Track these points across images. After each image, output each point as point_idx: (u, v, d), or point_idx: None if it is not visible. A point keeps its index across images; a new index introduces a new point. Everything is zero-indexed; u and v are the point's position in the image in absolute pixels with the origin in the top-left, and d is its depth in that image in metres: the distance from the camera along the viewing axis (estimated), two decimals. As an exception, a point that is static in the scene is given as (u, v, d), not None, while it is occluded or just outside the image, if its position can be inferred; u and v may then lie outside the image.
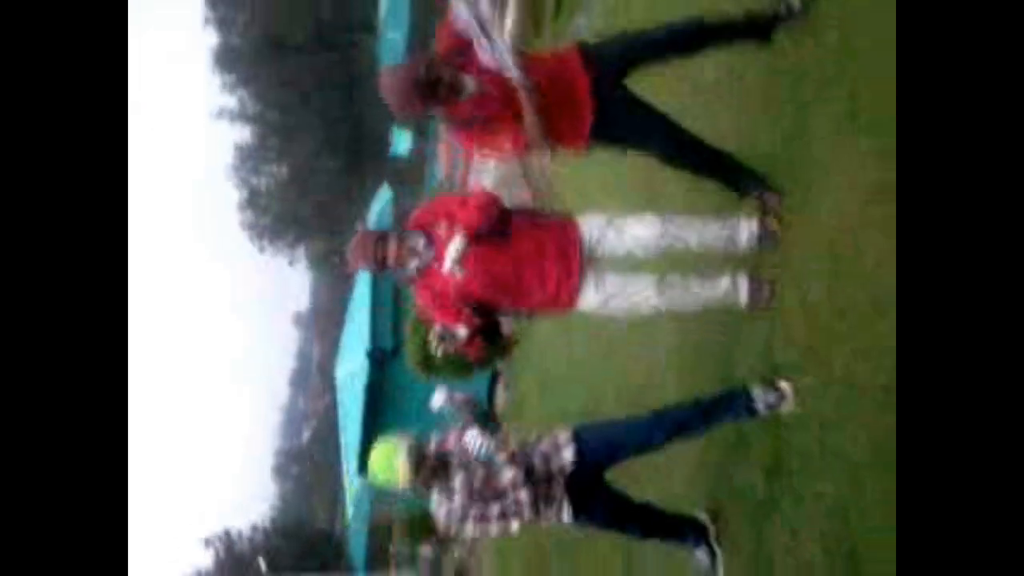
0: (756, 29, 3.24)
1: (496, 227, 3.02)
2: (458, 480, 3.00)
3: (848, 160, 2.85)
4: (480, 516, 3.00)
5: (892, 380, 2.35)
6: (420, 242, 3.11)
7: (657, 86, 3.37)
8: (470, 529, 3.03)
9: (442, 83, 2.82)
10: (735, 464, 3.39)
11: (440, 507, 3.02)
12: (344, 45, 41.11)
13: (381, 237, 3.12)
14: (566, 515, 3.05)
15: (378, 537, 15.94)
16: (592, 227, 3.13)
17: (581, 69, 3.01)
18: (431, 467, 3.04)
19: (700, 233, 3.16)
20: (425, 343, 9.33)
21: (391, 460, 3.05)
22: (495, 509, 3.00)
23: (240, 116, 49.15)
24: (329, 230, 48.55)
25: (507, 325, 3.40)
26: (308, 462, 63.44)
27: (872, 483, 2.49)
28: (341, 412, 13.94)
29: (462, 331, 3.06)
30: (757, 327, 3.31)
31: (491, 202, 3.08)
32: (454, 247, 2.96)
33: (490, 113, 2.91)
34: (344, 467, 13.93)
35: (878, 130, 2.65)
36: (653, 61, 3.15)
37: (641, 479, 3.72)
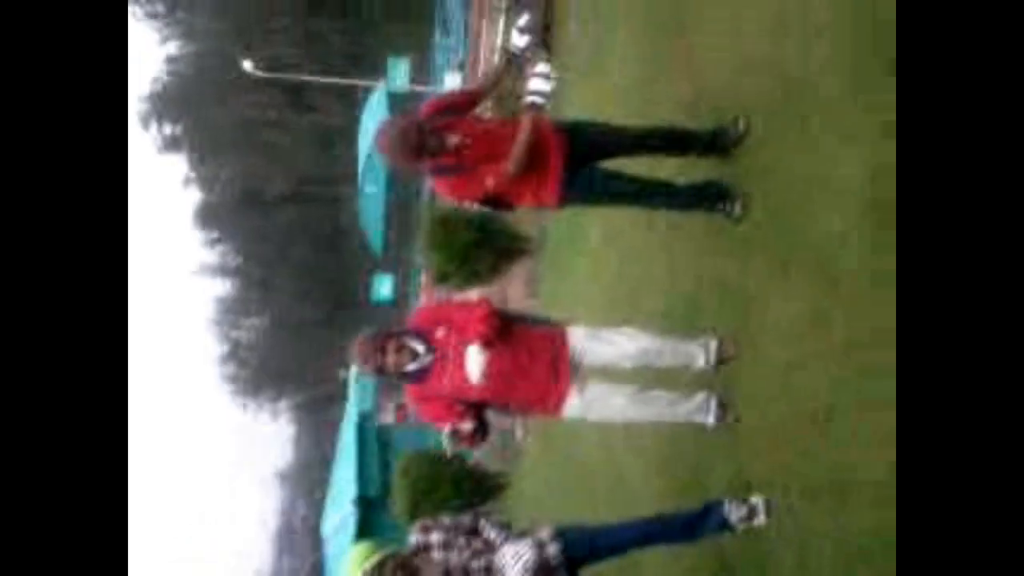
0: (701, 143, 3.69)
1: (499, 335, 3.22)
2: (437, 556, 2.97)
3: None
4: None
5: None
6: (419, 346, 3.26)
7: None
8: None
9: (427, 145, 3.21)
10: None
11: None
12: (324, 198, 42.31)
13: (382, 341, 3.25)
14: None
15: None
16: (579, 339, 3.35)
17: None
18: (399, 569, 2.93)
19: (672, 351, 3.43)
20: (412, 489, 8.91)
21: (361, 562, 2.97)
22: None
23: (221, 271, 49.76)
24: (312, 381, 48.04)
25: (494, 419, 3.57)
26: (293, 633, 59.42)
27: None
28: (328, 568, 13.07)
29: (467, 425, 3.21)
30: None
31: (493, 312, 3.28)
32: (475, 359, 3.16)
33: (469, 162, 3.31)
34: (333, 634, 12.86)
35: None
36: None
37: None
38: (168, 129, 45.98)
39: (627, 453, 4.99)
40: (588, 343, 3.35)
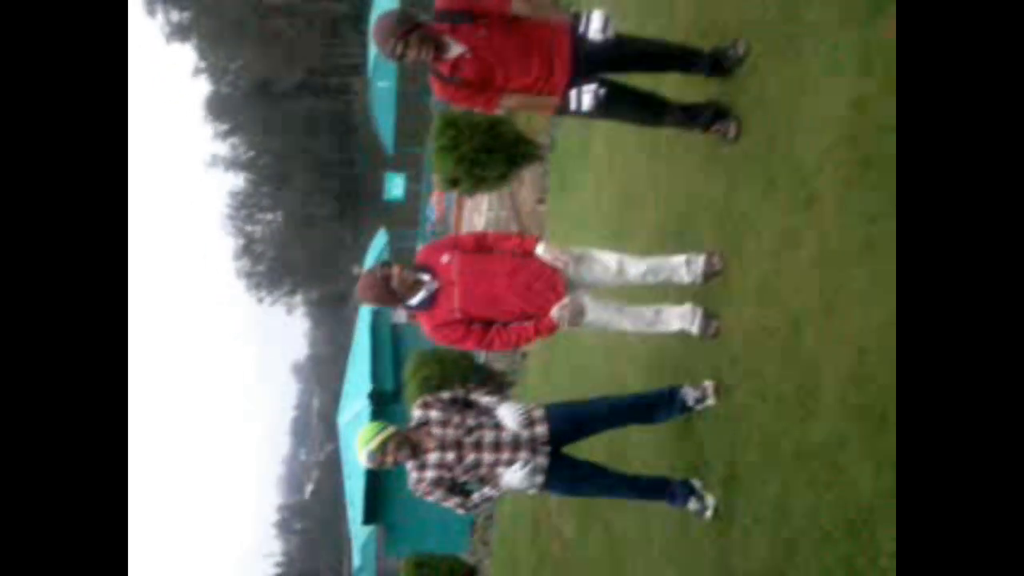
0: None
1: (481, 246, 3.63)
2: (432, 457, 3.37)
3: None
4: (442, 498, 3.45)
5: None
6: (424, 275, 3.52)
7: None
8: (432, 500, 3.46)
9: (419, 30, 3.27)
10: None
11: (412, 474, 3.43)
12: (334, 89, 41.61)
13: (384, 268, 3.53)
14: (538, 479, 3.44)
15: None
16: (560, 258, 3.57)
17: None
18: (401, 445, 3.37)
19: (657, 268, 3.66)
20: (423, 386, 9.35)
21: (370, 435, 3.39)
22: (453, 500, 3.46)
23: (233, 163, 49.54)
24: (326, 277, 48.63)
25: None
26: (312, 516, 62.62)
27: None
28: (344, 459, 13.78)
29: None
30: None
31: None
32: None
33: (467, 76, 3.40)
34: (349, 516, 13.69)
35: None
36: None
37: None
38: (175, 16, 44.83)
39: (621, 357, 5.30)
40: (574, 265, 3.57)
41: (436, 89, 3.58)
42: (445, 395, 3.60)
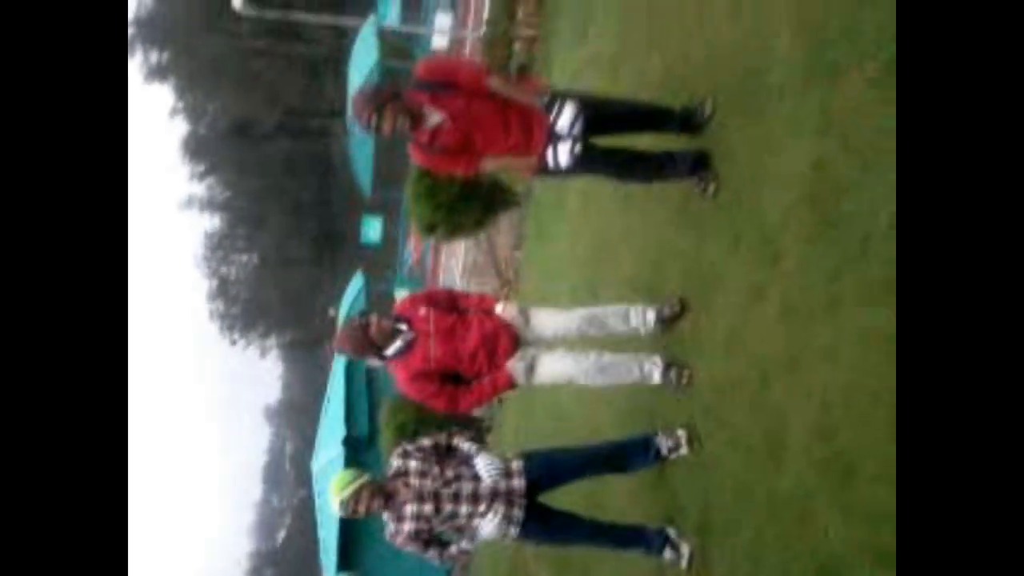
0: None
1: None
2: (409, 509, 3.38)
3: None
4: (422, 549, 3.45)
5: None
6: (402, 325, 3.67)
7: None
8: (410, 551, 3.47)
9: (394, 102, 3.38)
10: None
11: (389, 525, 3.43)
12: (313, 132, 41.80)
13: (363, 318, 3.68)
14: (513, 530, 3.48)
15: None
16: (516, 317, 3.77)
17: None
18: (375, 494, 3.39)
19: (612, 321, 3.81)
20: (399, 431, 9.29)
21: (340, 489, 3.41)
22: (431, 552, 3.47)
23: (209, 204, 49.33)
24: (300, 319, 48.21)
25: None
26: (285, 563, 60.99)
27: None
28: (318, 506, 13.58)
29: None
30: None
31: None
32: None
33: (447, 144, 3.51)
34: (323, 563, 13.44)
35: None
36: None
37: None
38: (154, 57, 44.98)
39: (598, 404, 5.35)
40: (523, 322, 3.77)
41: (416, 156, 3.69)
42: (426, 442, 3.63)
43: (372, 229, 20.67)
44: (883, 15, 2.62)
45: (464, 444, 3.65)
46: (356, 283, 19.90)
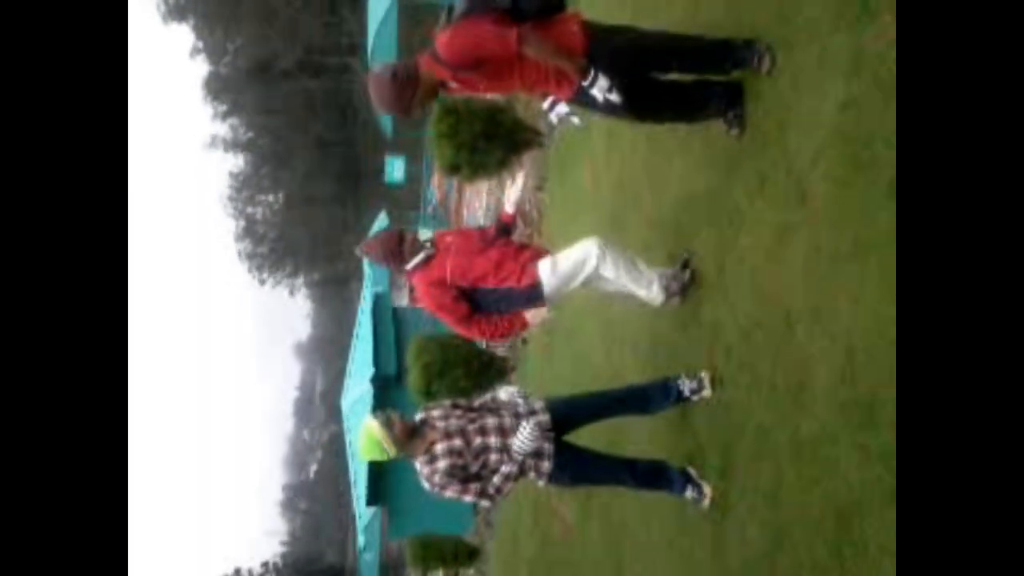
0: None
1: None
2: (440, 447, 3.40)
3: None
4: (460, 489, 3.41)
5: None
6: (427, 242, 3.92)
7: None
8: (449, 494, 3.43)
9: (417, 84, 3.35)
10: None
11: (423, 470, 3.44)
12: (334, 68, 41.34)
13: (400, 231, 3.93)
14: (546, 467, 3.50)
15: (391, 566, 15.80)
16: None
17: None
18: (408, 429, 3.46)
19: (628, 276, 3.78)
20: (425, 370, 9.45)
21: (371, 439, 3.47)
22: (472, 486, 3.42)
23: (233, 144, 49.36)
24: (328, 258, 48.61)
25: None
26: (316, 496, 62.98)
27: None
28: (348, 441, 13.92)
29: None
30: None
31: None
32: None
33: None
34: (354, 496, 13.87)
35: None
36: None
37: None
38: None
39: (621, 345, 5.39)
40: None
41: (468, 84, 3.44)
42: (446, 402, 3.71)
43: (395, 169, 20.58)
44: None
45: (485, 396, 3.76)
46: (380, 222, 19.96)
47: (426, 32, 4.04)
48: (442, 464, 3.40)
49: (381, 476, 12.55)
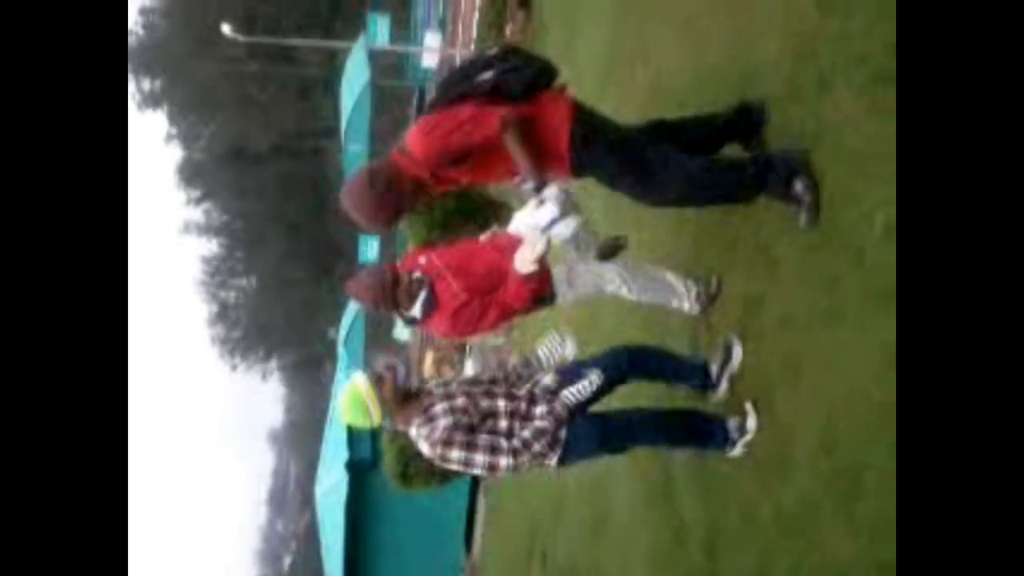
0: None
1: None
2: (440, 407, 2.97)
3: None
4: (467, 443, 2.91)
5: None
6: (416, 274, 3.32)
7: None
8: (455, 456, 2.92)
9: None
10: None
11: (421, 432, 2.97)
12: (308, 151, 41.92)
13: (393, 271, 3.30)
14: (564, 431, 3.01)
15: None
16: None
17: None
18: (401, 391, 3.04)
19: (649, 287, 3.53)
20: (401, 454, 9.23)
21: (355, 398, 3.05)
22: (482, 439, 2.94)
23: (207, 229, 49.40)
24: (301, 340, 48.19)
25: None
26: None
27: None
28: (323, 532, 13.46)
29: None
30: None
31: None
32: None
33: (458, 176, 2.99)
34: (328, 589, 13.32)
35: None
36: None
37: None
38: (147, 84, 45.20)
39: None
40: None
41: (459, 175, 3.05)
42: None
43: (369, 248, 20.70)
44: (871, 21, 2.60)
45: None
46: (354, 304, 19.92)
47: (398, 115, 3.93)
48: (442, 421, 2.94)
49: (357, 568, 12.11)
